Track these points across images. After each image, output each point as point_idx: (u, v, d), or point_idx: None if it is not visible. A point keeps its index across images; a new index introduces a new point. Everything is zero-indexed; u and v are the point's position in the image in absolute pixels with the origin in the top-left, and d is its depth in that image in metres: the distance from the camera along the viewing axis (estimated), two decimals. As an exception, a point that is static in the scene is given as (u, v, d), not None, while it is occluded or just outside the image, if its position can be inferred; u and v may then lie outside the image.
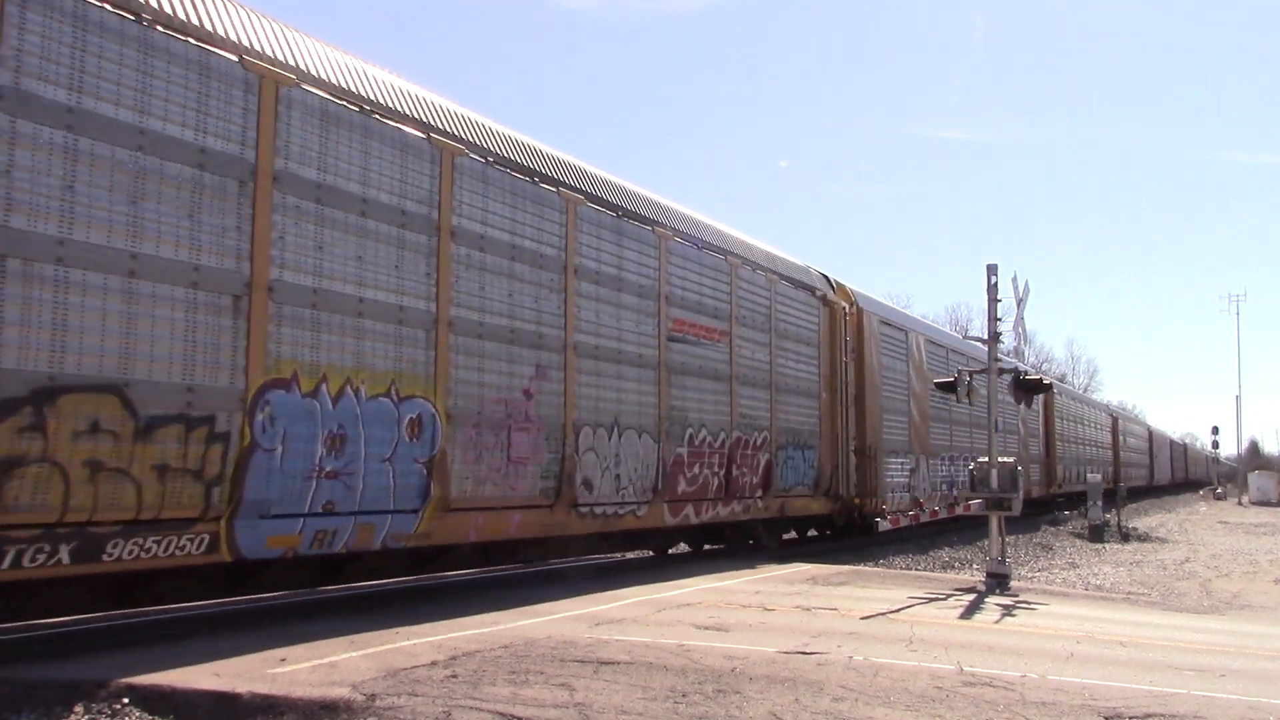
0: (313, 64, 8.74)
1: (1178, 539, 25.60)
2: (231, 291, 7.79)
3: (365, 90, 9.23)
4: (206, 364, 7.55)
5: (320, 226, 8.57)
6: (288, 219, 8.28)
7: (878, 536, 17.97)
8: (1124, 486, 33.64)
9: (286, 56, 8.47)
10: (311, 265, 8.46)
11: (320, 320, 8.49)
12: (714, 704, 5.87)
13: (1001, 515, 12.78)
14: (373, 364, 8.95)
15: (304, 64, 8.63)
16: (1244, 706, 6.31)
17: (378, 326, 9.05)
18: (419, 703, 5.69)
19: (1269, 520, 35.02)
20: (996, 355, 13.73)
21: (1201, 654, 8.33)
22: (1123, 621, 10.14)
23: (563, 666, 6.71)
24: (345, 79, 9.06)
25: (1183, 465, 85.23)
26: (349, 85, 9.05)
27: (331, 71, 8.95)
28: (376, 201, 9.12)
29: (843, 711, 5.80)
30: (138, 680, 6.00)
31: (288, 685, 5.96)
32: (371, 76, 9.49)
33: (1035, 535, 24.36)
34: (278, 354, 8.11)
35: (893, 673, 6.80)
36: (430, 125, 9.85)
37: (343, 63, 9.20)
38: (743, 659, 7.08)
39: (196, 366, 7.48)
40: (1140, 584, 14.84)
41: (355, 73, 9.28)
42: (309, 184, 8.48)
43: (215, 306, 7.65)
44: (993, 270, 13.51)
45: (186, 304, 7.45)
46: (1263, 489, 53.14)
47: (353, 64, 9.35)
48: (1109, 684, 6.72)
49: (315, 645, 7.23)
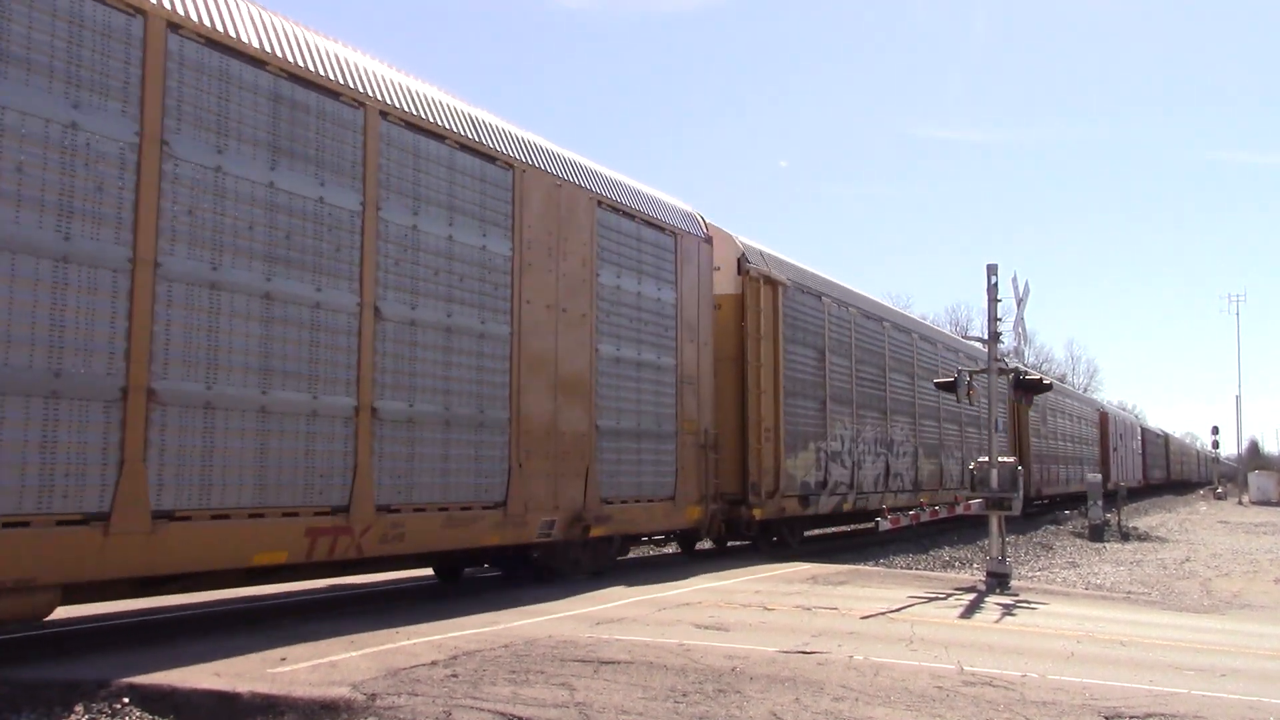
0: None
1: (1178, 538, 25.60)
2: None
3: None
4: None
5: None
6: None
7: (878, 536, 17.91)
8: (1124, 487, 33.51)
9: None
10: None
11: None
12: (714, 703, 5.87)
13: (1001, 515, 12.78)
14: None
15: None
16: (1244, 706, 6.30)
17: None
18: (419, 702, 5.69)
19: (1269, 520, 35.02)
20: (997, 355, 13.73)
21: (1202, 653, 8.32)
22: (1123, 621, 10.14)
23: (563, 666, 6.71)
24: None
25: (1163, 463, 74.06)
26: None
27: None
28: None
29: (843, 711, 5.80)
30: (138, 680, 6.00)
31: (288, 685, 5.96)
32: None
33: (1035, 535, 24.38)
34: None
35: (893, 672, 6.80)
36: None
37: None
38: (743, 658, 7.08)
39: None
40: (1140, 583, 14.84)
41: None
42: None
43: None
44: (993, 270, 13.50)
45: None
46: (1263, 489, 53.19)
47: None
48: (1109, 683, 6.72)
49: (315, 645, 7.23)
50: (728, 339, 15.44)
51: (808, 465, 17.11)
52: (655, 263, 13.38)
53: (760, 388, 15.60)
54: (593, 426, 11.90)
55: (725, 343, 15.32)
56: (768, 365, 15.98)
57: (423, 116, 9.88)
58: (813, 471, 17.29)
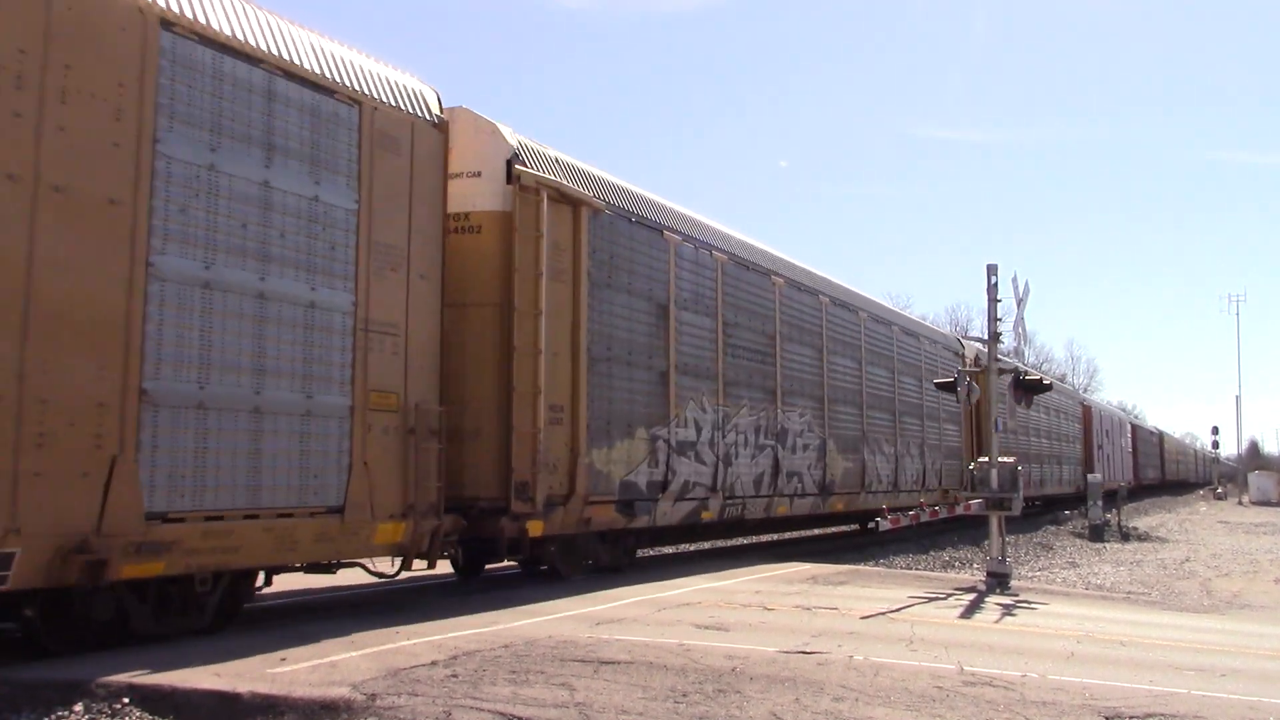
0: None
1: (1178, 538, 25.62)
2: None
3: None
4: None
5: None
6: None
7: (878, 536, 17.85)
8: (1124, 487, 33.46)
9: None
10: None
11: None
12: (714, 703, 5.87)
13: (1001, 515, 12.80)
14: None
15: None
16: (1244, 706, 6.30)
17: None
18: (419, 702, 5.69)
19: (1269, 520, 35.03)
20: (996, 355, 13.74)
21: (1202, 653, 8.33)
22: (1123, 621, 10.15)
23: (563, 666, 6.71)
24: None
25: (1158, 462, 68.84)
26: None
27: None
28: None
29: (843, 711, 5.80)
30: (138, 680, 6.00)
31: (288, 685, 5.96)
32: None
33: (1035, 535, 24.39)
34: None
35: (893, 672, 6.80)
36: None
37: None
38: (743, 659, 7.08)
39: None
40: (1140, 583, 14.85)
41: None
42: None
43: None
44: (993, 270, 13.51)
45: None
46: (1263, 489, 53.27)
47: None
48: (1109, 683, 6.72)
49: (315, 645, 7.23)
50: (485, 276, 10.85)
51: (633, 459, 12.47)
52: (309, 142, 8.72)
53: (538, 347, 10.89)
54: (131, 390, 7.15)
55: (479, 281, 10.81)
56: (558, 317, 11.34)
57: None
58: (643, 468, 12.66)
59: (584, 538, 12.02)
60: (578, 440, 11.51)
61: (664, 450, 13.07)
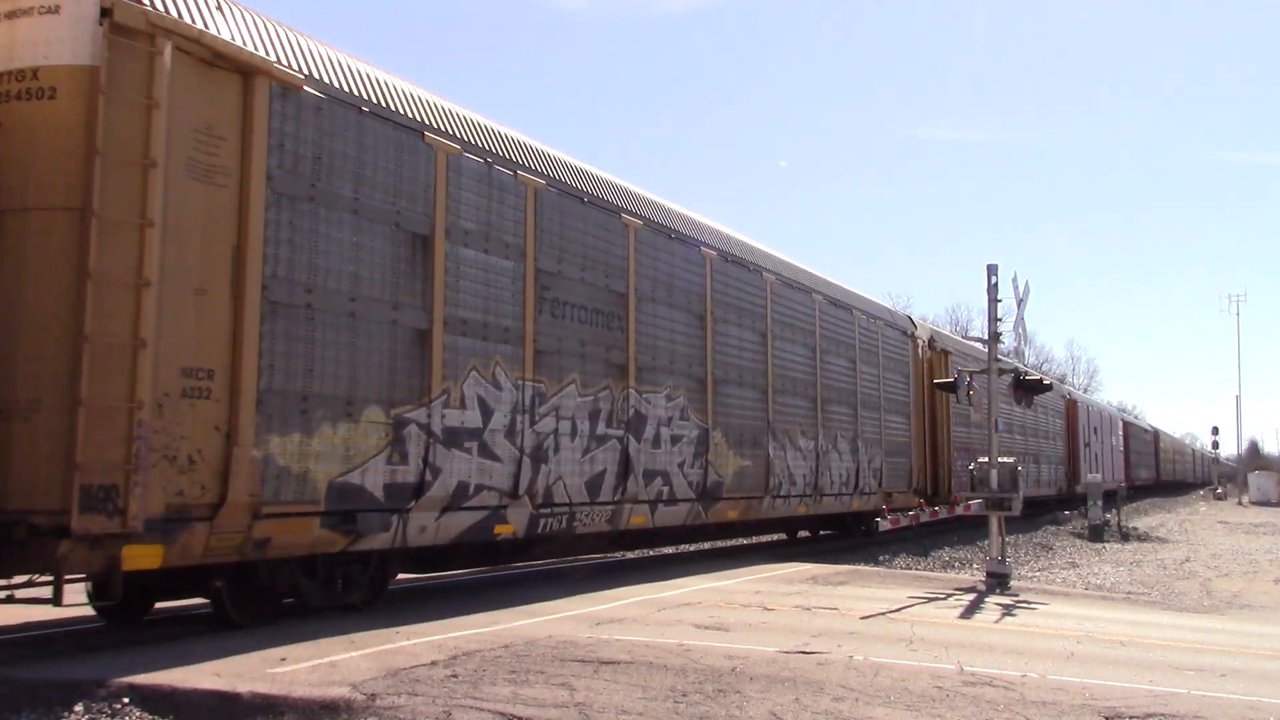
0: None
1: (1178, 539, 25.62)
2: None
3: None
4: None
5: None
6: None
7: (878, 536, 17.85)
8: (1124, 487, 33.40)
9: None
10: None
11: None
12: (714, 703, 5.87)
13: (1001, 515, 12.80)
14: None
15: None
16: (1244, 706, 6.31)
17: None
18: (419, 702, 5.69)
19: (1269, 520, 35.03)
20: (996, 355, 13.74)
21: (1202, 653, 8.33)
22: (1123, 621, 10.15)
23: (563, 666, 6.71)
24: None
25: (1152, 461, 64.87)
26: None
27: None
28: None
29: (843, 711, 5.80)
30: (138, 680, 6.00)
31: (288, 685, 5.96)
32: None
33: (1035, 535, 24.39)
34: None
35: (893, 672, 6.80)
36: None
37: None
38: (743, 659, 7.08)
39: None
40: (1140, 583, 14.85)
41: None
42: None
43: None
44: (993, 270, 13.52)
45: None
46: (1263, 489, 53.26)
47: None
48: (1109, 683, 6.72)
49: (315, 645, 7.23)
50: (61, 167, 7.02)
51: (355, 452, 8.65)
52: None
53: (142, 276, 7.05)
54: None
55: (49, 174, 7.04)
56: (204, 237, 7.63)
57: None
58: (376, 465, 8.84)
59: (275, 567, 8.44)
60: (237, 421, 7.64)
61: (418, 440, 9.30)
